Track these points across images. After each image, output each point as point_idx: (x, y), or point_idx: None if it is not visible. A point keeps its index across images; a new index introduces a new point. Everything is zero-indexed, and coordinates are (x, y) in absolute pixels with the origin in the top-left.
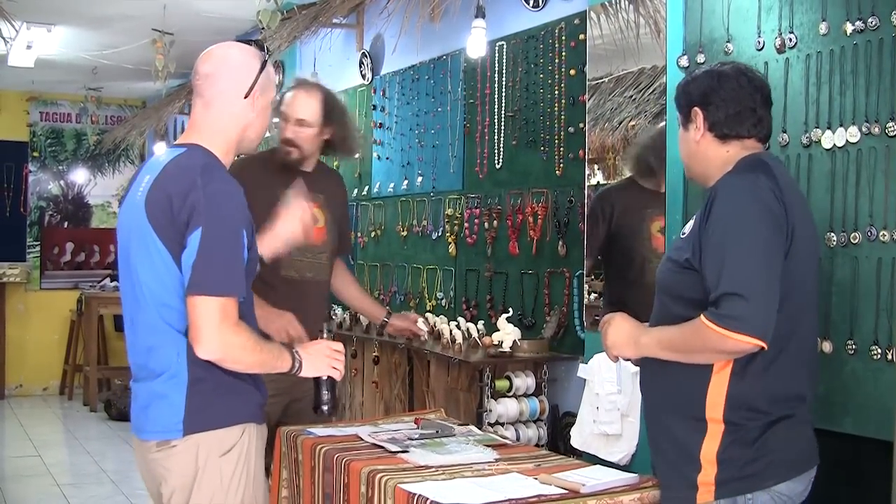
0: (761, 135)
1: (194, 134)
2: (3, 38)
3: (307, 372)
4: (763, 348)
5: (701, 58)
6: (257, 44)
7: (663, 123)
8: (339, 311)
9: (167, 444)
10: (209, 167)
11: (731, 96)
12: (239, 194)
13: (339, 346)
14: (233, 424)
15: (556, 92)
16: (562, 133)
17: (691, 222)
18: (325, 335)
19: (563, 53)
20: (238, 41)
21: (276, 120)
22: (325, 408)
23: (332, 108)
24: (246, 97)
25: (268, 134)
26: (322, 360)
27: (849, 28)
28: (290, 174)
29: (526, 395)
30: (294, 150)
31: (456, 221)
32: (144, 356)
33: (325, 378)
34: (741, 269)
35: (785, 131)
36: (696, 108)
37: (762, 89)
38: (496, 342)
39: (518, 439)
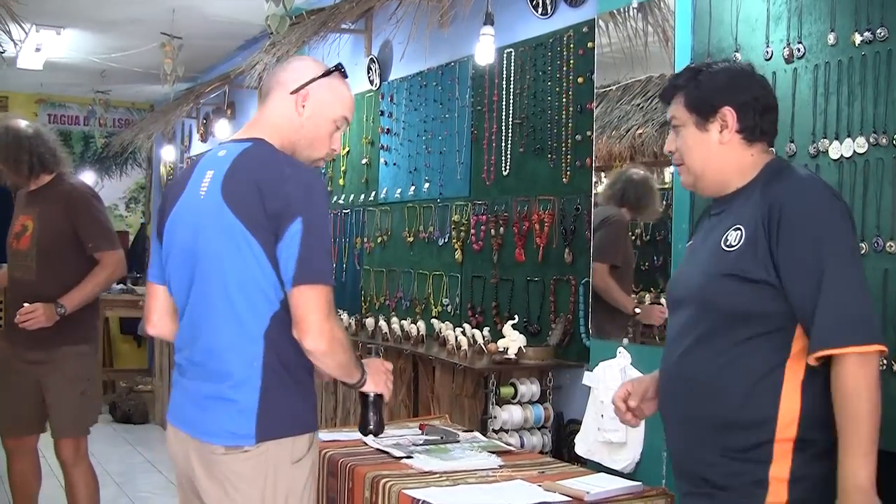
0: (771, 140)
1: (253, 129)
2: (13, 41)
3: (367, 387)
4: (883, 351)
5: None
6: (338, 65)
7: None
8: (344, 316)
9: (238, 450)
10: (291, 158)
11: (761, 94)
12: (325, 185)
13: (390, 365)
14: (303, 433)
15: (564, 99)
16: (569, 141)
17: (737, 233)
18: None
19: (572, 61)
20: (310, 57)
21: None
22: (371, 427)
23: (3, 139)
24: (293, 93)
25: (338, 151)
26: (380, 376)
27: (857, 39)
28: (25, 195)
29: (531, 402)
30: (7, 178)
31: (462, 228)
32: (206, 356)
33: (373, 397)
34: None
35: (793, 141)
36: (727, 108)
37: (774, 93)
38: (501, 349)
39: (522, 446)
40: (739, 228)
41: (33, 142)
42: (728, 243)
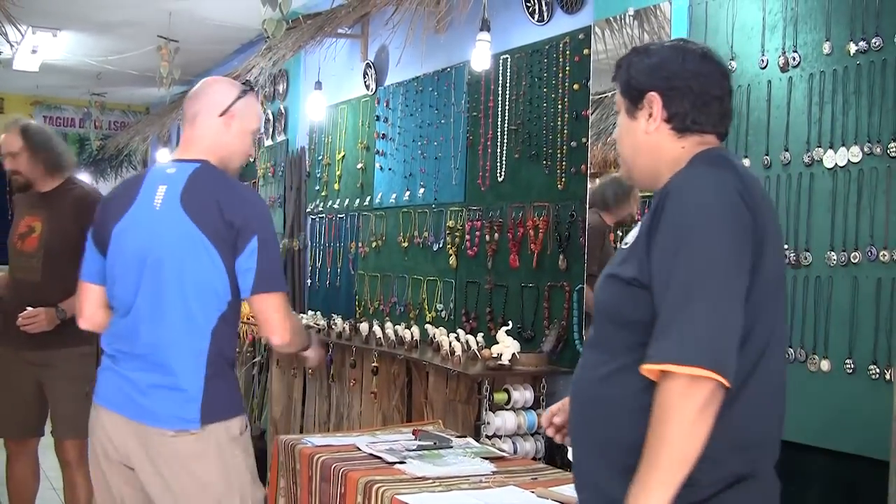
0: (724, 130)
1: (190, 150)
2: (9, 43)
3: (308, 352)
4: (723, 383)
5: None
6: (246, 82)
7: None
8: (338, 321)
9: (186, 433)
10: (240, 183)
11: (697, 81)
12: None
13: (324, 353)
14: (238, 415)
15: (560, 106)
16: (564, 147)
17: (635, 230)
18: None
19: (567, 68)
20: (224, 78)
21: None
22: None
23: (32, 137)
24: (220, 115)
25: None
26: (319, 350)
27: (852, 48)
28: (30, 197)
29: (524, 409)
30: (19, 177)
31: (457, 233)
32: (151, 349)
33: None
34: (691, 288)
35: (787, 150)
36: (654, 94)
37: (728, 75)
38: (495, 355)
39: (515, 452)
40: (639, 224)
41: (56, 141)
42: (625, 241)
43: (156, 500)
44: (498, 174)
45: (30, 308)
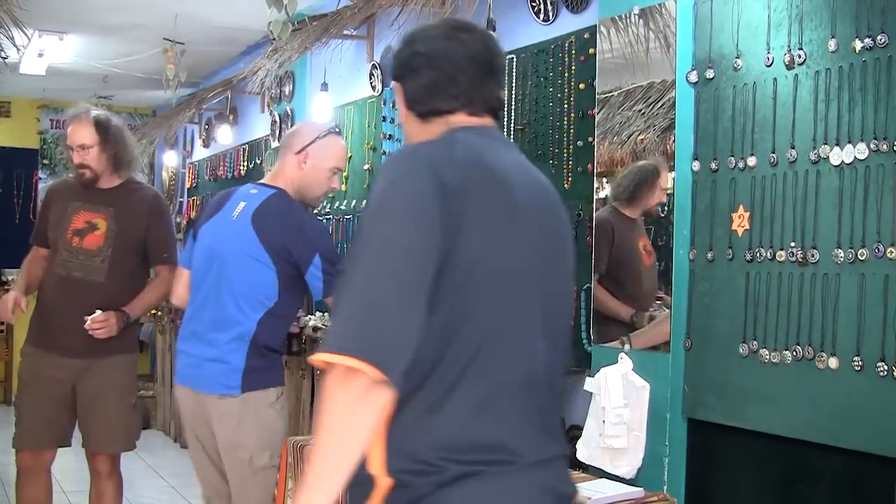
0: (474, 108)
1: (276, 179)
2: (16, 46)
3: None
4: (381, 378)
5: (710, 73)
6: (335, 126)
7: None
8: None
9: (228, 396)
10: (304, 211)
11: (432, 62)
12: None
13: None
14: (273, 386)
15: (566, 105)
16: (570, 146)
17: None
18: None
19: (573, 67)
20: (313, 122)
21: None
22: None
23: (106, 127)
24: (297, 153)
25: (337, 189)
26: None
27: (858, 45)
28: (87, 191)
29: None
30: (86, 172)
31: None
32: (208, 328)
33: None
34: (353, 278)
35: (793, 147)
36: (395, 83)
37: (481, 54)
38: None
39: None
40: None
41: (128, 134)
42: None
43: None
44: None
45: (99, 311)
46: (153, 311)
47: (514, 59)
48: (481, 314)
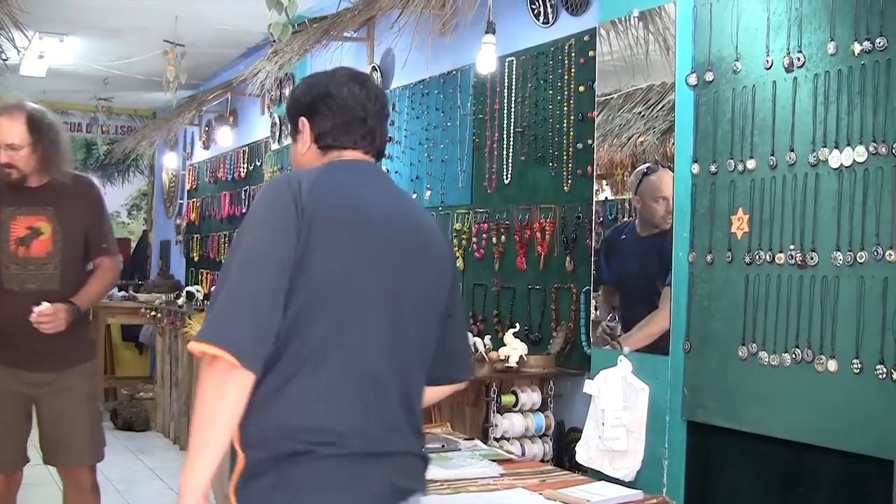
0: (370, 148)
1: None
2: (16, 48)
3: None
4: (235, 363)
5: (710, 76)
6: None
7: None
8: None
9: None
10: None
11: (339, 105)
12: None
13: None
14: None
15: (565, 108)
16: (570, 149)
17: None
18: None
19: (573, 70)
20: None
21: None
22: None
23: (39, 126)
24: None
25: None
26: None
27: (857, 48)
28: (18, 193)
29: (532, 411)
30: (12, 172)
31: (464, 236)
32: None
33: None
34: (224, 279)
35: (793, 150)
36: (303, 119)
37: (378, 98)
38: (503, 357)
39: (523, 454)
40: None
41: (61, 128)
42: None
43: None
44: (504, 176)
45: (46, 304)
46: (152, 313)
47: (514, 62)
48: (324, 316)
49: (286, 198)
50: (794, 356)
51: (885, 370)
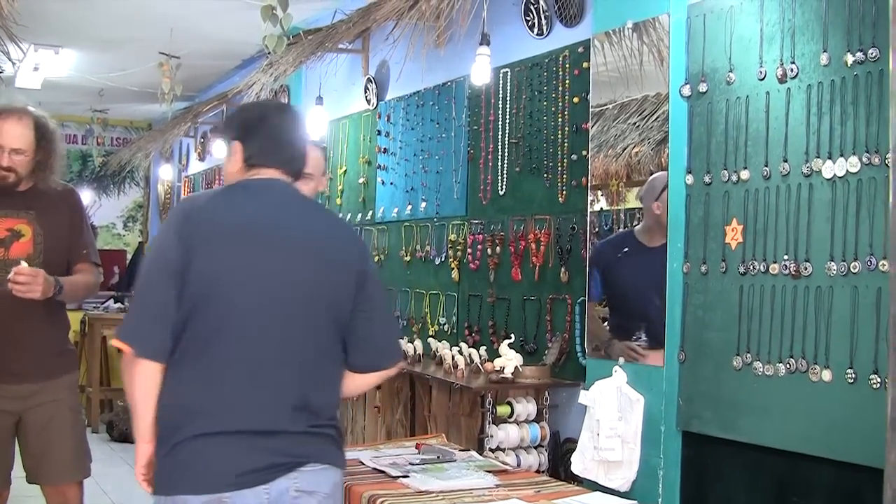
0: (288, 168)
1: None
2: (11, 60)
3: None
4: (131, 352)
5: (703, 87)
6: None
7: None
8: None
9: None
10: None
11: (267, 132)
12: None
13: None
14: None
15: (560, 119)
16: (565, 160)
17: None
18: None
19: (567, 81)
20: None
21: None
22: None
23: (44, 134)
24: None
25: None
26: None
27: (849, 59)
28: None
29: (527, 421)
30: (10, 175)
31: (459, 247)
32: None
33: None
34: (135, 286)
35: (786, 161)
36: (237, 143)
37: (299, 127)
38: (498, 368)
39: (519, 465)
40: None
41: (63, 147)
42: None
43: None
44: (499, 188)
45: (24, 264)
46: None
47: (509, 73)
48: (208, 312)
49: (177, 219)
50: (788, 366)
51: (878, 380)
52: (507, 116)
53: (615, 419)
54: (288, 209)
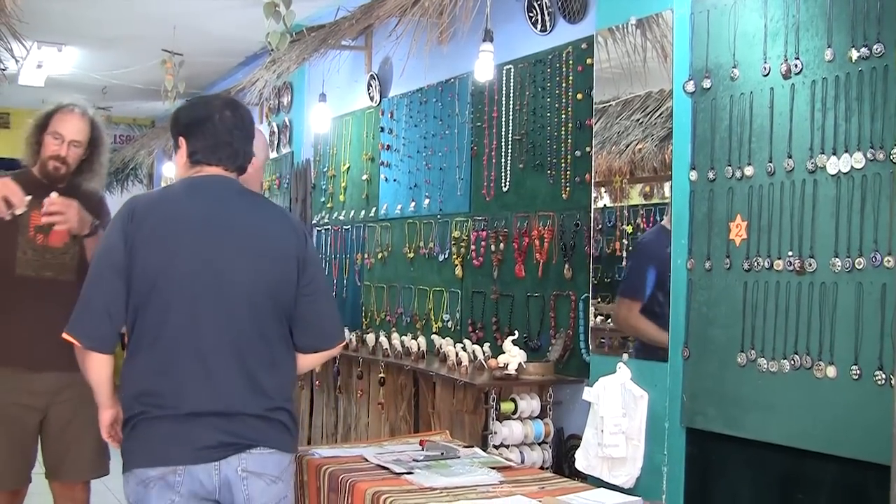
0: (231, 165)
1: None
2: (14, 58)
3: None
4: (78, 346)
5: (707, 83)
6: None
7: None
8: (345, 332)
9: None
10: None
11: (210, 129)
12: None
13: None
14: None
15: (563, 115)
16: (568, 156)
17: None
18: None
19: (571, 77)
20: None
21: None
22: None
23: (97, 134)
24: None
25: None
26: None
27: (854, 55)
28: (40, 189)
29: (531, 418)
30: (63, 168)
31: (462, 243)
32: None
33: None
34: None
35: (790, 157)
36: (181, 138)
37: (246, 124)
38: (502, 364)
39: (523, 462)
40: None
41: (108, 153)
42: None
43: None
44: (502, 184)
45: (55, 195)
46: None
47: (512, 70)
48: (153, 305)
49: (122, 217)
50: (792, 363)
51: (883, 376)
52: (511, 113)
53: (619, 415)
54: (228, 204)
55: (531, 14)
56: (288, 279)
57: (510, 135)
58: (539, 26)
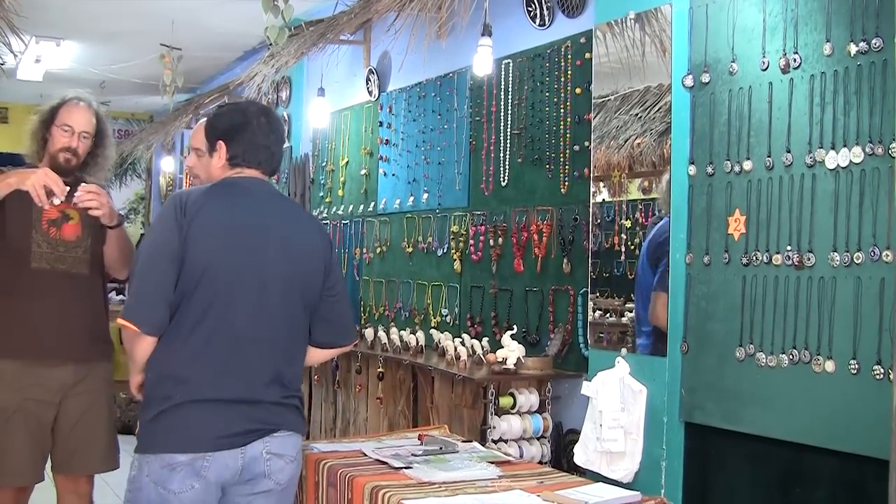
0: (267, 168)
1: None
2: (13, 52)
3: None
4: (137, 331)
5: (706, 77)
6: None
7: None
8: None
9: None
10: None
11: (249, 134)
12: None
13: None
14: None
15: (562, 110)
16: (567, 151)
17: None
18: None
19: (569, 72)
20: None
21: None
22: None
23: (102, 126)
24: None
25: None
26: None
27: (853, 49)
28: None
29: (530, 413)
30: (73, 159)
31: (461, 238)
32: None
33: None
34: (133, 269)
35: (789, 151)
36: (221, 142)
37: (279, 129)
38: (500, 359)
39: (521, 456)
40: None
41: (114, 151)
42: None
43: None
44: (501, 179)
45: (84, 184)
46: None
47: (511, 64)
48: (198, 294)
49: (174, 208)
50: (791, 357)
51: (882, 370)
52: (509, 107)
53: (618, 410)
54: (268, 207)
55: (530, 8)
56: (315, 279)
57: (509, 129)
58: (538, 21)
